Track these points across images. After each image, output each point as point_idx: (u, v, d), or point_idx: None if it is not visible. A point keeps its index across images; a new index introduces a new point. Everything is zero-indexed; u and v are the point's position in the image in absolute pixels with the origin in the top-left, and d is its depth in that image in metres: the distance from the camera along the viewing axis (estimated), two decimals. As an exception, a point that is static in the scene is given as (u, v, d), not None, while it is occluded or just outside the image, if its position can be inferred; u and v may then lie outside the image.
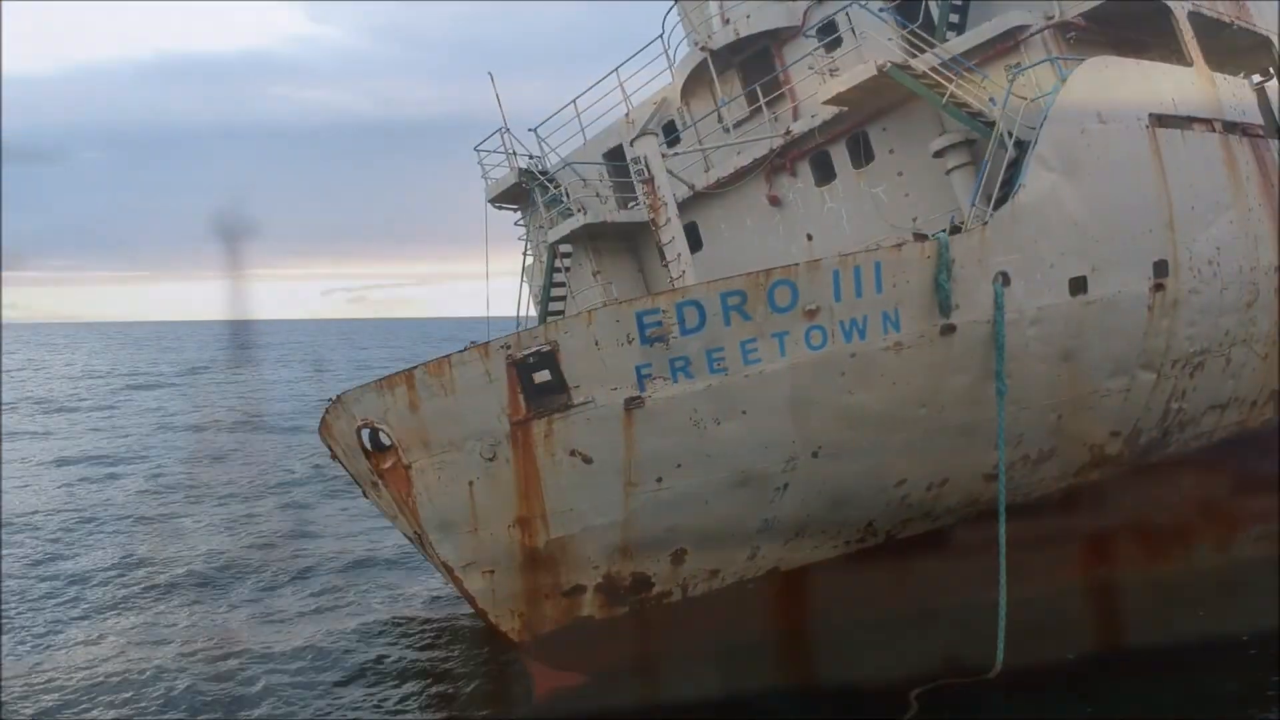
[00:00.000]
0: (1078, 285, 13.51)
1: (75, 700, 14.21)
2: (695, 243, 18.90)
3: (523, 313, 21.90)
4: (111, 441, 43.09)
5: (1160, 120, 14.77)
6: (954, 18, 16.23)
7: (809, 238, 17.83)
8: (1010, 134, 13.78)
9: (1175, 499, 16.37)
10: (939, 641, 13.93)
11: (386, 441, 12.09)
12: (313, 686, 14.35)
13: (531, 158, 21.68)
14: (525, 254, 22.11)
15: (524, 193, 21.55)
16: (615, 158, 21.24)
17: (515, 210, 22.72)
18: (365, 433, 12.16)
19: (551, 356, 11.78)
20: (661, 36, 20.34)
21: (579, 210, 19.45)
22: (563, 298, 20.36)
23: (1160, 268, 14.31)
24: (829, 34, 17.44)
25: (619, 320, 11.83)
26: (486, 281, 22.18)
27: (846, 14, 16.96)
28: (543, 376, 12.00)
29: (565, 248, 20.03)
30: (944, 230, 13.54)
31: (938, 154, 15.43)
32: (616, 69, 20.66)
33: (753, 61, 18.82)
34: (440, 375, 11.79)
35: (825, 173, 17.55)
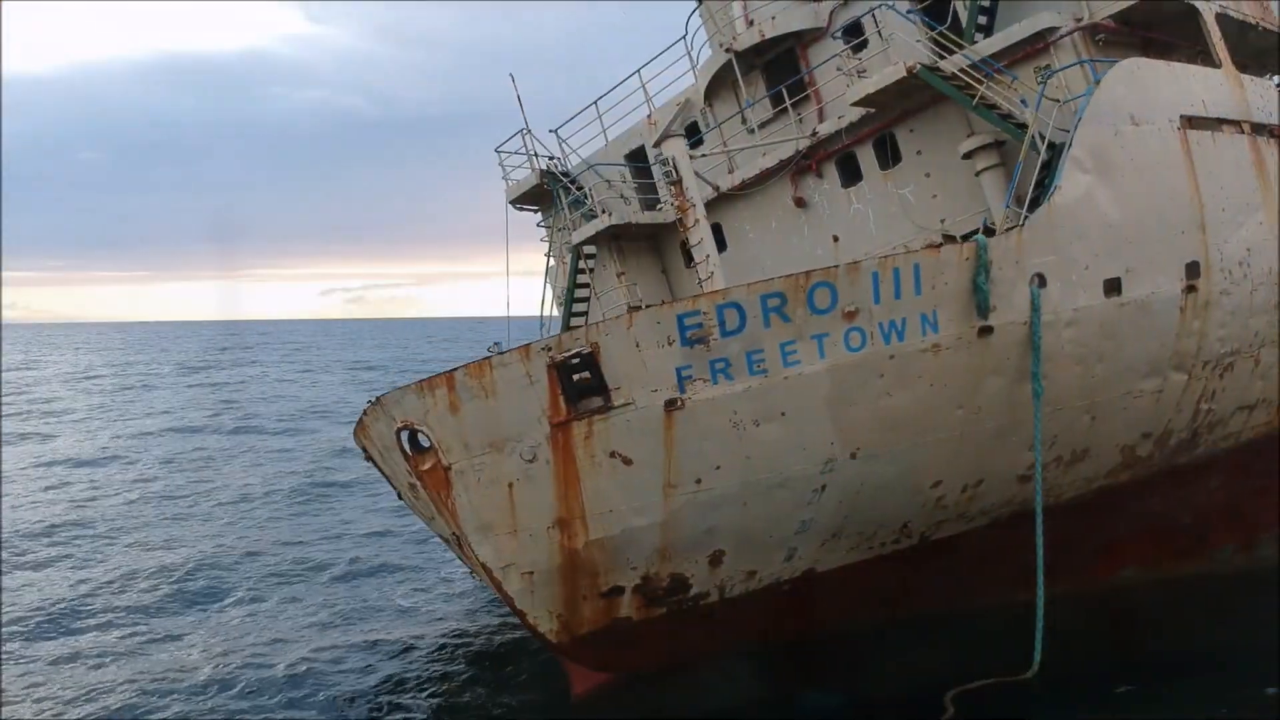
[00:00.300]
0: (1112, 286, 13.51)
1: (130, 703, 14.26)
2: (719, 244, 18.87)
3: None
4: (122, 444, 43.09)
5: (1191, 122, 14.78)
6: (982, 19, 16.20)
7: (835, 239, 17.82)
8: (1042, 136, 13.79)
9: (1202, 499, 16.44)
10: (974, 642, 14.01)
11: (426, 443, 12.13)
12: (347, 686, 14.38)
13: (551, 159, 21.65)
14: (548, 255, 22.10)
15: (545, 194, 21.53)
16: (637, 159, 21.22)
17: (535, 211, 22.71)
18: (405, 434, 12.19)
19: (592, 358, 11.79)
20: (684, 38, 20.31)
21: (604, 212, 19.42)
22: (586, 299, 20.33)
23: (1192, 269, 14.33)
24: (855, 35, 17.43)
25: (660, 322, 11.84)
26: (507, 281, 22.16)
27: (873, 15, 16.93)
28: (582, 377, 12.01)
29: (589, 249, 19.99)
30: (979, 230, 13.59)
31: (967, 155, 15.42)
32: (639, 70, 20.64)
33: (777, 63, 18.79)
34: (481, 377, 11.80)
35: (851, 174, 17.52)
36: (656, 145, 15.72)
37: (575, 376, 11.92)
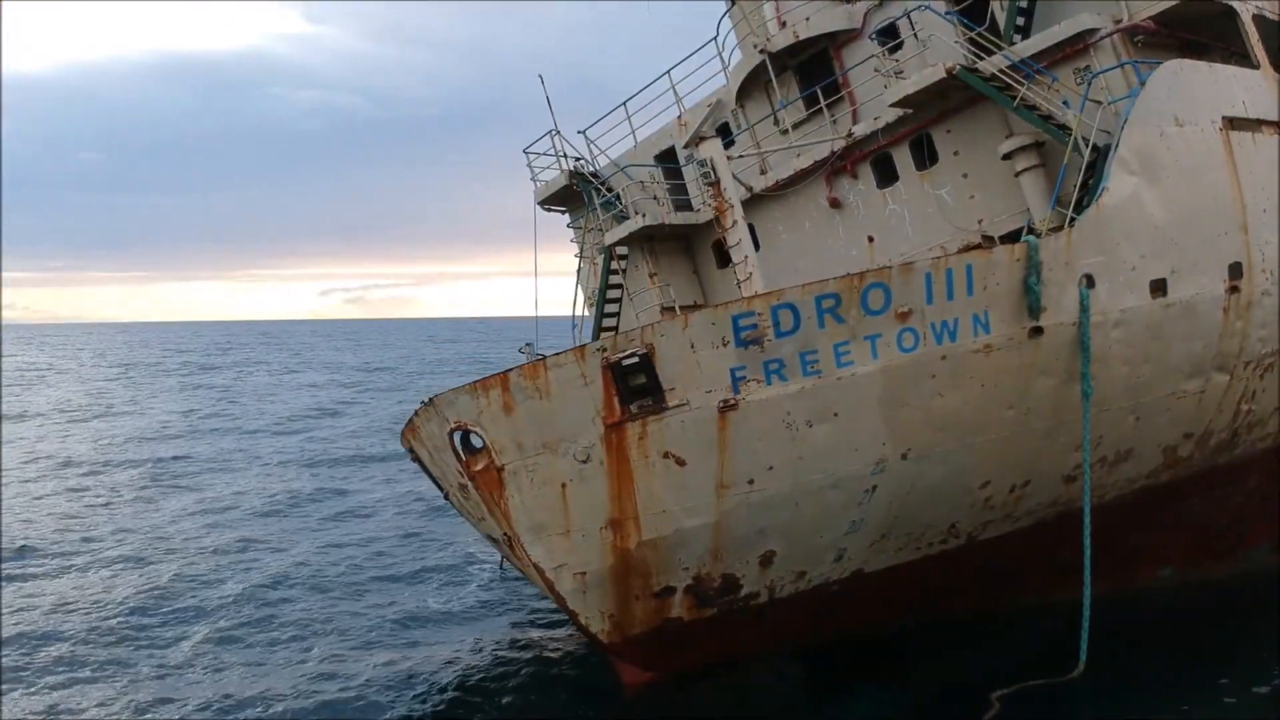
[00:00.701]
0: (1157, 287, 13.55)
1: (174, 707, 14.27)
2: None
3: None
4: (134, 445, 43.10)
5: (1232, 123, 14.82)
6: (1019, 20, 16.21)
7: (870, 240, 17.83)
8: (1085, 139, 13.80)
9: (1239, 500, 16.49)
10: (1019, 642, 14.06)
11: (479, 444, 12.16)
12: (390, 687, 14.39)
13: (578, 159, 21.63)
14: (578, 256, 22.10)
15: (574, 195, 21.53)
16: (668, 160, 21.20)
17: (564, 212, 22.72)
18: (458, 435, 12.22)
19: (647, 359, 11.81)
20: (715, 39, 20.32)
21: (637, 213, 19.39)
22: (617, 299, 20.33)
23: (1235, 270, 14.39)
24: (891, 37, 17.42)
25: (714, 323, 11.86)
26: (535, 281, 22.23)
27: (909, 17, 16.91)
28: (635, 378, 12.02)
29: (621, 249, 19.98)
30: (1024, 230, 13.62)
31: (1006, 156, 15.43)
32: (668, 71, 20.66)
33: (811, 64, 18.79)
34: (535, 378, 11.83)
35: (887, 175, 17.52)
36: (689, 146, 15.72)
37: (630, 377, 11.94)
